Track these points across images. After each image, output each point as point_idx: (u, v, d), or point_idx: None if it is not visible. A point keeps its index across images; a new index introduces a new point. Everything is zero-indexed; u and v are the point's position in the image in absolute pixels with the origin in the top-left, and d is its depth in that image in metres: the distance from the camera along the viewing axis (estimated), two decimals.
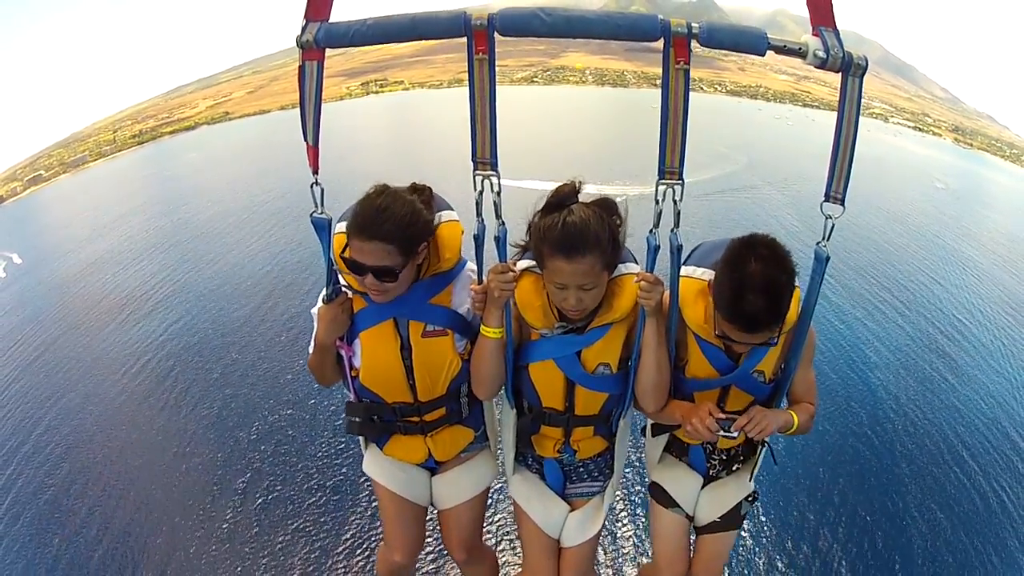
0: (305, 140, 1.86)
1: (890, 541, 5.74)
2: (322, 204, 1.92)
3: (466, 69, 1.72)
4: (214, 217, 18.35)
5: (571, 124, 45.14)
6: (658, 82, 1.70)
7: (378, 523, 5.22)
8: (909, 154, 45.42)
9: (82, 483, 6.84)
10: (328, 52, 1.80)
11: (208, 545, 5.58)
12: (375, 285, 1.93)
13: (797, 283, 1.96)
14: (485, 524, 2.68)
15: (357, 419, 2.30)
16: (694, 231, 1.83)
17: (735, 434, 1.98)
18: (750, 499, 2.39)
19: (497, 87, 1.77)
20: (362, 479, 5.70)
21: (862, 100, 1.73)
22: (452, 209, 2.17)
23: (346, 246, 1.94)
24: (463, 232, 2.11)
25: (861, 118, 1.77)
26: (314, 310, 2.13)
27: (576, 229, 1.83)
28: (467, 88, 1.75)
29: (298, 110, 1.85)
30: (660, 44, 1.66)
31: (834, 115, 1.78)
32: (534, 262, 2.02)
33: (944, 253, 16.31)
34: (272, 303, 11.24)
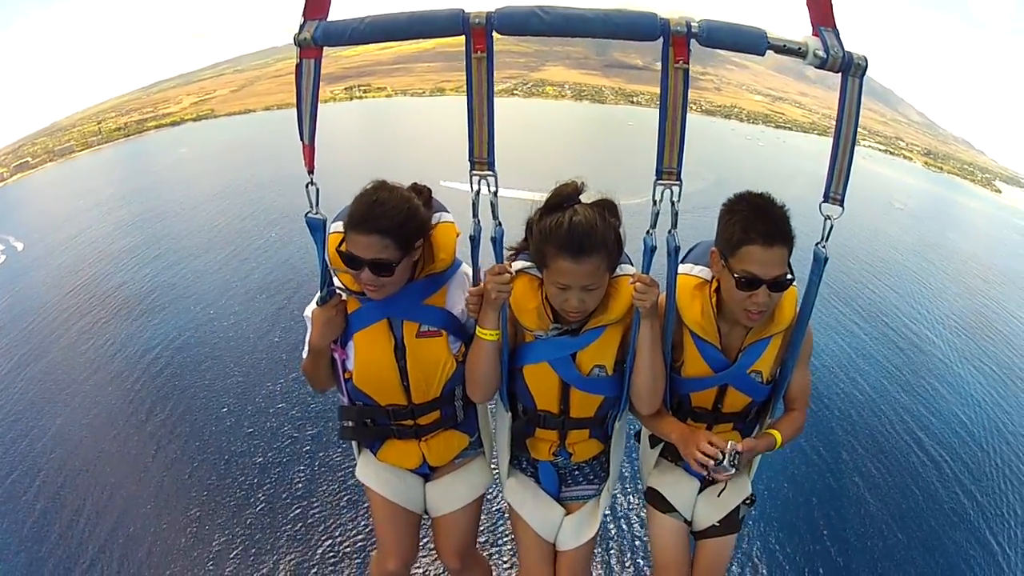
0: (301, 139, 1.83)
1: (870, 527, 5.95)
2: (317, 204, 1.88)
3: (445, 80, 1.72)
4: (210, 212, 17.79)
5: (552, 136, 45.30)
6: (635, 99, 1.68)
7: (371, 529, 5.09)
8: (875, 176, 46.38)
9: (87, 475, 6.44)
10: None
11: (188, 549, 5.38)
12: (371, 280, 1.91)
13: (795, 284, 1.97)
14: (479, 529, 2.62)
15: (350, 424, 2.26)
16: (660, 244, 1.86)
17: (732, 470, 1.95)
18: (748, 502, 2.36)
19: None
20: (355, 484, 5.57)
21: (862, 101, 1.71)
22: (448, 211, 2.16)
23: (342, 240, 1.92)
24: (458, 235, 2.10)
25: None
26: (307, 313, 2.08)
27: (583, 229, 1.81)
28: (448, 97, 1.72)
29: (285, 111, 1.82)
30: (653, 56, 1.65)
31: (806, 136, 1.77)
32: (529, 263, 2.00)
33: (898, 265, 17.00)
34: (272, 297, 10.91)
